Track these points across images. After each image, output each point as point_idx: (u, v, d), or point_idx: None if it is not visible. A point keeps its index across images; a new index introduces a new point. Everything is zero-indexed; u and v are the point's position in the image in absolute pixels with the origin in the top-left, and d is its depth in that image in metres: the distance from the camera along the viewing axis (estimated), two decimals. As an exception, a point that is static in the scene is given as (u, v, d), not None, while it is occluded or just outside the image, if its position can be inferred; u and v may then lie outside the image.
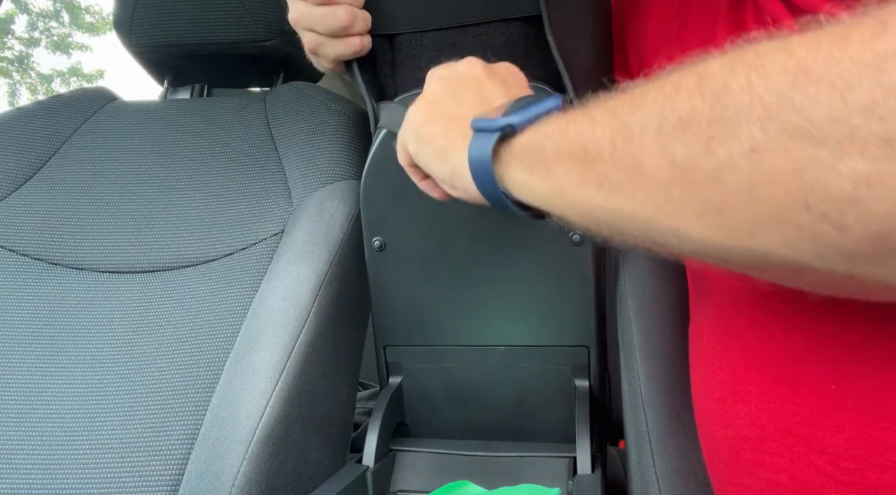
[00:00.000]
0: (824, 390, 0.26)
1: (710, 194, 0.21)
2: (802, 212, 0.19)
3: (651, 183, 0.23)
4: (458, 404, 0.61)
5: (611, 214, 0.25)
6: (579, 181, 0.26)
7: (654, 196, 0.23)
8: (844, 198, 0.18)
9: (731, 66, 0.21)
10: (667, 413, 0.45)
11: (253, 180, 0.69)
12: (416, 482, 0.56)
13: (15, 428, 0.53)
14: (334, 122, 0.72)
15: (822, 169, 0.18)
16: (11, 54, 7.58)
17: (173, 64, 0.83)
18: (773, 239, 0.20)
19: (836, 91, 0.18)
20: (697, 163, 0.21)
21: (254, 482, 0.48)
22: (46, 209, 0.68)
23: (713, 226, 0.21)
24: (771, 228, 0.20)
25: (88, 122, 0.76)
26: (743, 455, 0.30)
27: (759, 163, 0.19)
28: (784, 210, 0.19)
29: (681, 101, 0.22)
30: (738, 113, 0.20)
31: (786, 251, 0.20)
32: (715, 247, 0.22)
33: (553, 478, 0.53)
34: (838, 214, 0.18)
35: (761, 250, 0.21)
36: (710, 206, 0.21)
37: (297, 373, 0.53)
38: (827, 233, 0.18)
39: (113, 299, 0.61)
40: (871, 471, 0.23)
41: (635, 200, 0.24)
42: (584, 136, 0.26)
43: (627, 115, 0.24)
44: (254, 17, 0.75)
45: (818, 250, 0.19)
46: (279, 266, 0.60)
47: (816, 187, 0.18)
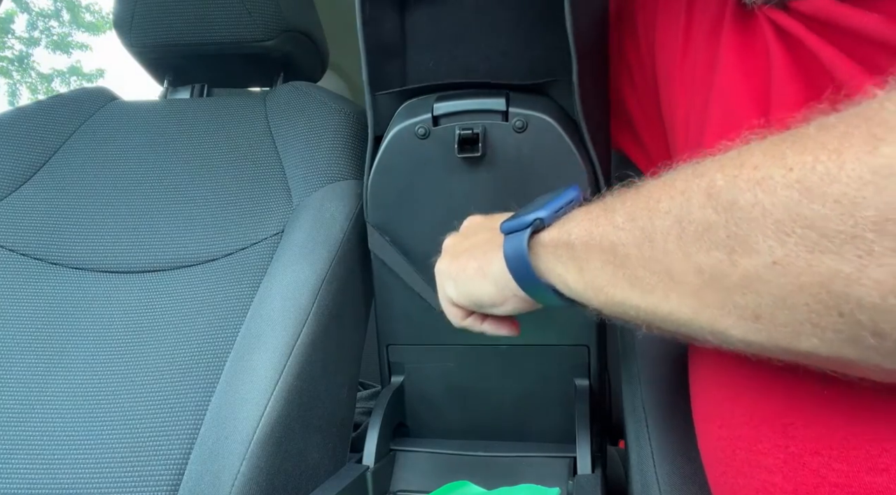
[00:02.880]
0: (819, 392, 0.26)
1: (744, 301, 0.21)
2: (838, 319, 0.19)
3: (683, 288, 0.23)
4: (458, 404, 0.61)
5: (647, 313, 0.26)
6: (612, 280, 0.27)
7: (688, 300, 0.23)
8: (875, 308, 0.18)
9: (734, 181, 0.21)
10: (666, 413, 0.45)
11: (253, 180, 0.69)
12: (416, 482, 0.56)
13: (15, 428, 0.53)
14: (334, 121, 0.72)
15: (849, 282, 0.18)
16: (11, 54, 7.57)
17: (173, 63, 0.83)
18: (814, 342, 0.20)
19: (844, 208, 0.18)
20: (724, 273, 0.21)
21: (254, 482, 0.48)
22: (46, 209, 0.68)
23: (752, 329, 0.22)
24: (811, 332, 0.20)
25: (88, 122, 0.76)
26: (738, 455, 0.30)
27: (784, 275, 0.20)
28: (820, 317, 0.19)
29: (694, 212, 0.22)
30: (753, 227, 0.20)
31: (829, 352, 0.20)
32: (758, 346, 0.22)
33: (553, 478, 0.53)
34: (872, 322, 0.18)
35: (806, 350, 0.21)
36: (747, 312, 0.21)
37: (297, 373, 0.53)
38: (865, 339, 0.19)
39: (113, 299, 0.61)
40: (866, 474, 0.23)
41: (670, 303, 0.24)
42: (609, 240, 0.27)
43: (647, 222, 0.25)
44: (254, 17, 0.75)
45: (860, 353, 0.20)
46: (279, 266, 0.60)
47: (847, 298, 0.18)
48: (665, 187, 0.25)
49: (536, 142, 0.51)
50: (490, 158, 0.53)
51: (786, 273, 0.20)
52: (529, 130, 0.51)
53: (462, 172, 0.54)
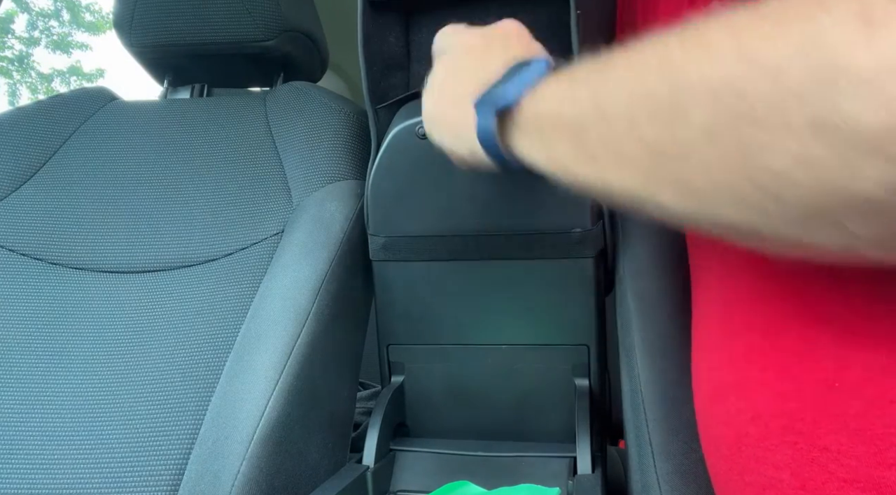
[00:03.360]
0: (826, 387, 0.26)
1: (678, 170, 0.23)
2: (748, 185, 0.20)
3: (629, 159, 0.25)
4: (458, 404, 0.61)
5: (599, 182, 0.28)
6: (570, 153, 0.29)
7: (632, 171, 0.25)
8: (778, 174, 0.19)
9: (687, 48, 0.22)
10: (667, 412, 0.45)
11: (253, 180, 0.69)
12: (416, 482, 0.56)
13: (15, 428, 0.53)
14: (334, 122, 0.72)
15: (762, 149, 0.19)
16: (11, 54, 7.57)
17: (173, 63, 0.83)
18: (729, 209, 0.22)
19: (771, 76, 0.19)
20: (664, 142, 0.23)
21: (254, 482, 0.48)
22: (46, 209, 0.68)
23: (683, 198, 0.23)
24: (727, 200, 0.22)
25: (88, 122, 0.76)
26: (745, 452, 0.30)
27: (712, 144, 0.21)
28: (735, 183, 0.21)
29: (645, 80, 0.24)
30: (692, 97, 0.21)
31: (740, 219, 0.22)
32: (688, 215, 0.24)
33: (553, 478, 0.53)
34: (776, 188, 0.20)
35: (723, 218, 0.22)
36: (680, 181, 0.23)
37: (297, 373, 0.53)
38: (769, 206, 0.20)
39: (113, 299, 0.61)
40: (874, 469, 0.23)
41: (618, 174, 0.26)
42: (570, 115, 0.28)
43: (602, 92, 0.26)
44: (254, 17, 0.75)
45: (763, 219, 0.21)
46: (279, 266, 0.60)
47: (758, 165, 0.20)
48: (628, 56, 0.25)
49: None
50: None
51: (712, 142, 0.21)
52: None
53: (462, 172, 0.54)
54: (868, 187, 0.17)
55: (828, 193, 0.18)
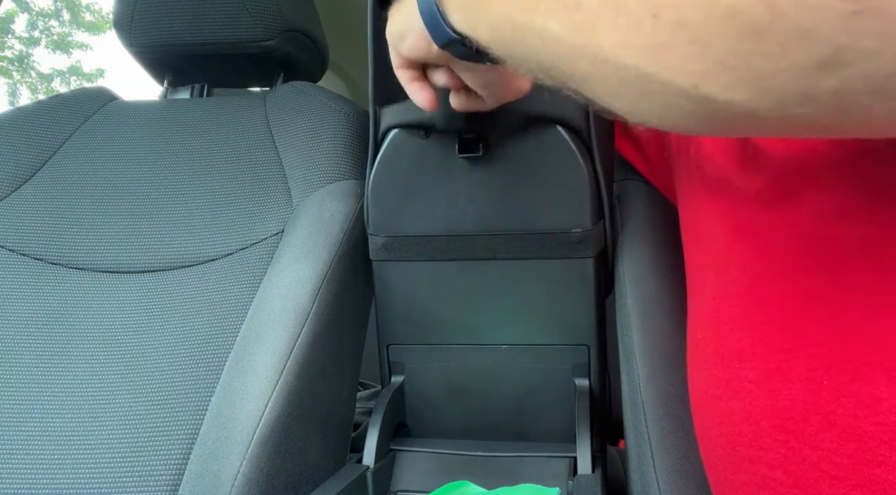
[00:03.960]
0: (816, 385, 0.26)
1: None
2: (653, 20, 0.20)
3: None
4: (458, 404, 0.61)
5: (504, 21, 0.28)
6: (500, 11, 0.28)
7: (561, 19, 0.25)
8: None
9: None
10: (666, 412, 0.45)
11: (253, 180, 0.69)
12: (416, 482, 0.56)
13: (15, 428, 0.53)
14: (334, 121, 0.72)
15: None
16: (11, 54, 7.57)
17: (173, 63, 0.83)
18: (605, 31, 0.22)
19: None
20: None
21: (254, 482, 0.48)
22: (46, 209, 0.68)
23: (569, 21, 0.24)
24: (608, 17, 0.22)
25: (88, 122, 0.76)
26: (739, 451, 0.30)
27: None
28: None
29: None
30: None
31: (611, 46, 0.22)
32: (566, 46, 0.24)
33: (553, 478, 0.53)
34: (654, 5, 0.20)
35: (596, 47, 0.23)
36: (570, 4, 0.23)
37: (297, 373, 0.53)
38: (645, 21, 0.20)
39: (113, 299, 0.61)
40: (865, 466, 0.23)
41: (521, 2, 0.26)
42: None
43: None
44: (254, 17, 0.75)
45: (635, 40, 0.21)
46: (279, 266, 0.60)
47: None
48: None
49: (537, 143, 0.51)
50: (491, 159, 0.53)
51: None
52: (531, 130, 0.51)
53: (462, 172, 0.54)
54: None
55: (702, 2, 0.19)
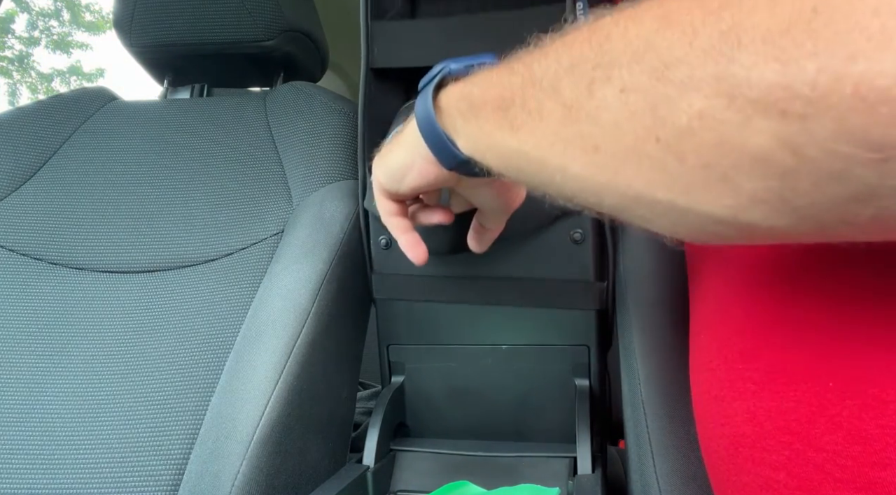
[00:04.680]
0: (822, 387, 0.26)
1: (589, 131, 0.23)
2: (654, 144, 0.21)
3: (547, 123, 0.25)
4: (458, 404, 0.61)
5: (516, 154, 0.28)
6: (496, 125, 0.29)
7: (548, 135, 0.25)
8: (683, 130, 0.20)
9: (617, 18, 0.23)
10: (667, 412, 0.45)
11: (253, 180, 0.69)
12: (416, 482, 0.56)
13: (15, 428, 0.53)
14: (334, 121, 0.72)
15: (670, 105, 0.20)
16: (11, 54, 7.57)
17: (173, 63, 0.83)
18: (632, 173, 0.22)
19: (686, 36, 0.20)
20: (581, 103, 0.23)
21: (254, 482, 0.48)
22: (46, 209, 0.68)
23: (589, 162, 0.24)
24: (632, 161, 0.22)
25: (88, 122, 0.76)
26: (741, 452, 0.30)
27: (625, 102, 0.21)
28: (641, 143, 0.21)
29: (574, 49, 0.24)
30: (614, 58, 0.22)
31: (640, 184, 0.22)
32: (590, 183, 0.24)
33: (553, 478, 0.53)
34: (678, 145, 0.20)
35: (624, 185, 0.23)
36: (589, 143, 0.23)
37: (297, 373, 0.53)
38: (670, 164, 0.21)
39: (113, 299, 0.61)
40: (870, 469, 0.23)
41: (535, 139, 0.26)
42: (502, 85, 0.28)
43: (535, 64, 0.27)
44: (254, 17, 0.75)
45: (664, 180, 0.21)
46: (279, 266, 0.60)
47: (665, 122, 0.20)
48: (565, 34, 0.26)
49: None
50: None
51: (627, 99, 0.21)
52: None
53: None
54: (762, 140, 0.18)
55: (726, 147, 0.19)
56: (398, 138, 0.39)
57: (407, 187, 0.39)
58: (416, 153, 0.36)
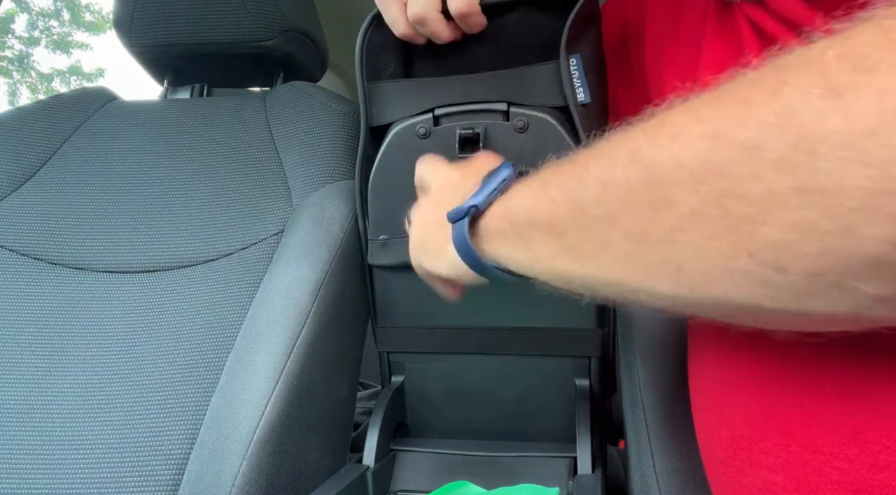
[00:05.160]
0: (819, 390, 0.26)
1: (667, 255, 0.23)
2: (746, 260, 0.20)
3: (614, 251, 0.25)
4: (458, 404, 0.61)
5: (586, 280, 0.28)
6: (554, 253, 0.29)
7: (620, 262, 0.25)
8: (778, 245, 0.19)
9: (654, 139, 0.22)
10: (666, 412, 0.45)
11: (253, 180, 0.69)
12: (416, 482, 0.56)
13: (15, 428, 0.53)
14: (334, 121, 0.72)
15: (754, 222, 0.19)
16: (11, 53, 7.58)
17: (173, 63, 0.83)
18: (727, 286, 0.21)
19: (748, 152, 0.19)
20: (647, 229, 0.23)
21: (253, 482, 0.48)
22: (46, 209, 0.68)
23: (675, 282, 0.23)
24: (724, 278, 0.21)
25: (88, 122, 0.76)
26: (739, 454, 0.30)
27: (700, 223, 0.21)
28: (731, 260, 0.21)
29: (616, 174, 0.24)
30: (670, 181, 0.21)
31: (741, 296, 0.21)
32: (682, 299, 0.24)
33: (553, 478, 0.53)
34: (776, 258, 0.19)
35: (722, 297, 0.22)
36: (671, 265, 0.23)
37: (296, 373, 0.53)
38: (771, 277, 0.20)
39: (113, 299, 0.61)
40: (867, 471, 0.23)
41: (606, 267, 0.26)
42: (547, 213, 0.28)
43: (578, 192, 0.26)
44: (254, 17, 0.75)
45: (768, 292, 0.21)
46: (279, 266, 0.60)
47: (754, 238, 0.20)
48: (594, 154, 0.26)
49: (538, 143, 0.51)
50: None
51: (701, 220, 0.21)
52: (531, 130, 0.51)
53: None
54: (872, 246, 0.18)
55: (833, 256, 0.18)
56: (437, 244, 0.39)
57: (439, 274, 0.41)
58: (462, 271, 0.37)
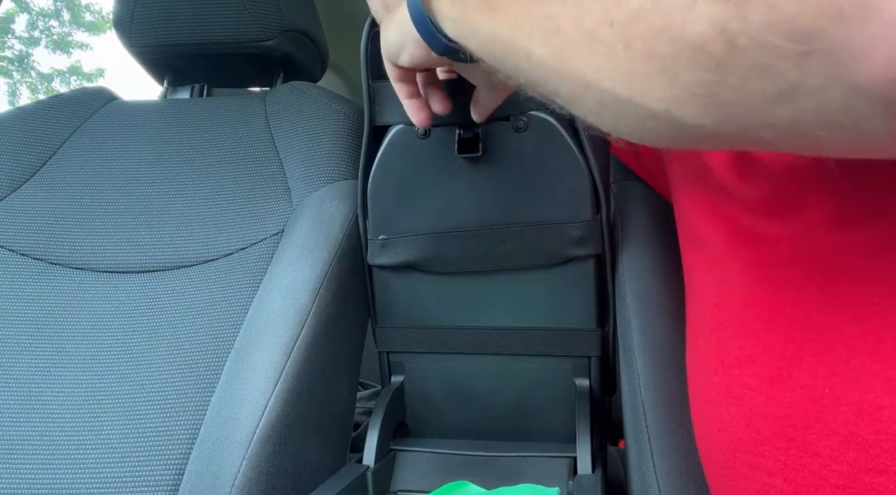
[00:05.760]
0: (818, 393, 0.26)
1: (554, 12, 0.23)
2: (608, 29, 0.21)
3: (519, 4, 0.25)
4: (458, 404, 0.61)
5: (491, 37, 0.28)
6: (477, 7, 0.29)
7: (518, 16, 0.26)
8: (634, 13, 0.20)
9: None
10: (666, 412, 0.45)
11: (253, 180, 0.69)
12: (416, 482, 0.56)
13: (15, 428, 0.53)
14: (334, 121, 0.72)
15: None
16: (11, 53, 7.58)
17: (173, 63, 0.83)
18: (585, 57, 0.22)
19: None
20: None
21: (254, 482, 0.48)
22: (46, 209, 0.68)
23: (551, 45, 0.24)
24: (586, 45, 0.22)
25: (88, 122, 0.76)
26: (738, 457, 0.30)
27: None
28: (597, 26, 0.21)
29: None
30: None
31: (591, 71, 0.22)
32: (550, 68, 0.25)
33: (553, 478, 0.53)
34: (628, 30, 0.20)
35: (577, 72, 0.23)
36: (552, 24, 0.24)
37: (296, 373, 0.53)
38: (618, 51, 0.21)
39: (113, 299, 0.61)
40: (865, 475, 0.23)
41: (507, 21, 0.26)
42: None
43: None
44: (254, 17, 0.75)
45: (611, 67, 0.22)
46: (279, 266, 0.60)
47: (620, 4, 0.20)
48: None
49: (537, 143, 0.51)
50: (490, 158, 0.52)
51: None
52: (530, 130, 0.51)
53: (462, 172, 0.54)
54: (700, 27, 0.18)
55: (669, 34, 0.19)
56: (394, 14, 0.39)
57: (403, 64, 0.40)
58: (408, 36, 0.37)
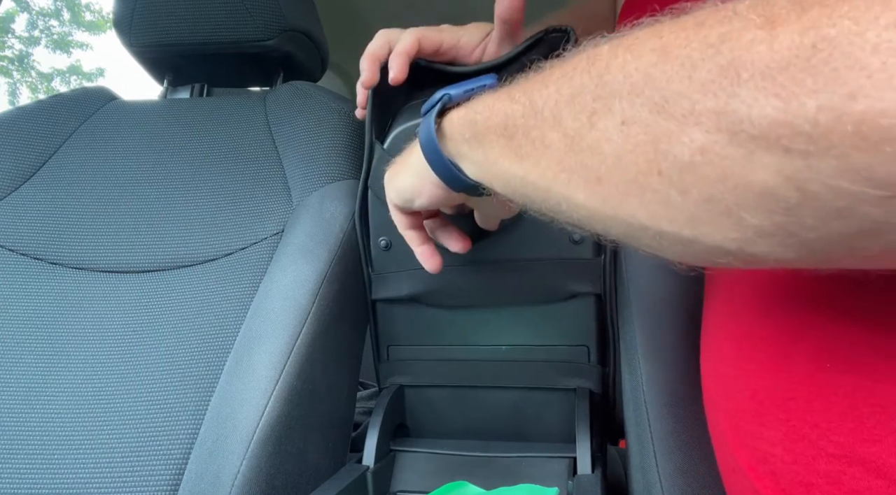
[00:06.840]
0: (818, 367, 0.27)
1: (592, 163, 0.23)
2: (656, 177, 0.21)
3: (550, 153, 0.25)
4: (458, 404, 0.61)
5: (522, 182, 0.28)
6: (501, 153, 0.29)
7: (552, 165, 0.25)
8: (685, 165, 0.20)
9: (614, 49, 0.23)
10: (669, 411, 0.45)
11: (253, 180, 0.69)
12: (416, 482, 0.56)
13: (15, 428, 0.53)
14: (334, 121, 0.72)
15: (671, 139, 0.20)
16: (11, 53, 7.58)
17: (173, 63, 0.83)
18: (636, 204, 0.22)
19: (685, 70, 0.19)
20: (582, 134, 0.23)
21: (253, 482, 0.48)
22: (46, 209, 0.68)
23: (594, 193, 0.24)
24: (634, 193, 0.22)
25: (88, 122, 0.76)
26: (742, 427, 0.30)
27: (627, 135, 0.21)
28: (643, 176, 0.21)
29: (574, 79, 0.24)
30: (614, 90, 0.22)
31: (645, 215, 0.22)
32: (596, 213, 0.25)
33: (553, 478, 0.53)
34: (681, 179, 0.20)
35: (629, 215, 0.23)
36: (592, 174, 0.23)
37: (297, 373, 0.53)
38: (673, 198, 0.21)
39: (113, 299, 0.61)
40: (860, 445, 0.24)
41: (539, 169, 0.26)
42: (505, 113, 0.29)
43: (536, 93, 0.27)
44: (254, 16, 0.75)
45: (668, 213, 0.21)
46: (279, 265, 0.60)
47: (667, 156, 0.20)
48: (564, 62, 0.26)
49: None
50: None
51: (629, 132, 0.21)
52: None
53: None
54: (763, 176, 0.18)
55: (729, 183, 0.19)
56: (405, 160, 0.40)
57: (418, 208, 0.41)
58: (425, 178, 0.37)
